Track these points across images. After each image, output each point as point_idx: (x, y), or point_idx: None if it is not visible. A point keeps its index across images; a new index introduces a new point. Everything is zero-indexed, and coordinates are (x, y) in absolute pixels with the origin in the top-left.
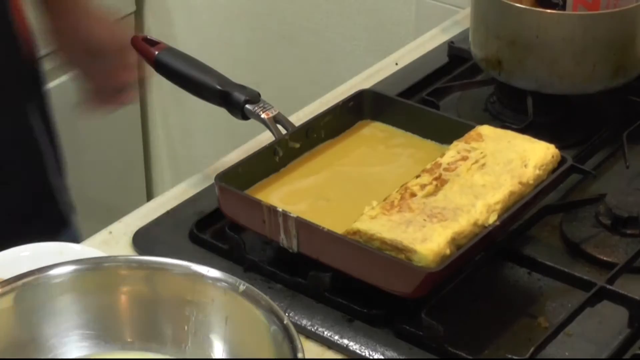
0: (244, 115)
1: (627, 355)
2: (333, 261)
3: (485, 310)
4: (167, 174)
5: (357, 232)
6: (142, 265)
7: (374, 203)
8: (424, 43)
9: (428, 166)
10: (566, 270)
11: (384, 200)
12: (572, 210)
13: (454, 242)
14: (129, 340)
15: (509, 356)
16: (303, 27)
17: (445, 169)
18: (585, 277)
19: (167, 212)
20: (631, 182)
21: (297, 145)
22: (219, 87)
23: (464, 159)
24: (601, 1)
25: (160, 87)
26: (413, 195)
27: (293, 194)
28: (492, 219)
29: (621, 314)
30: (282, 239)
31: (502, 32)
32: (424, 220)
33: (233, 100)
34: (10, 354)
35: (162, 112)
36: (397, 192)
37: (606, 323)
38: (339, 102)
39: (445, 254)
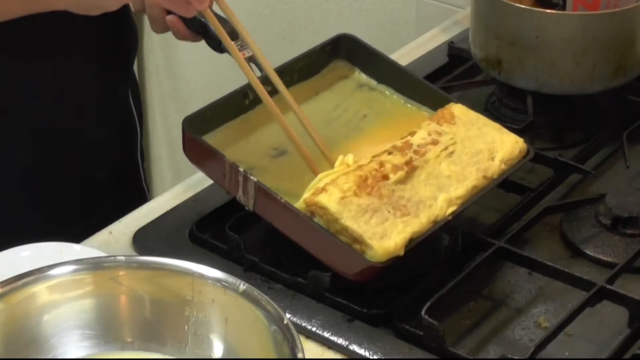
0: (221, 49)
1: (627, 355)
2: (285, 229)
3: (485, 310)
4: (167, 174)
5: (324, 208)
6: (142, 265)
7: (341, 161)
8: (424, 43)
9: (398, 143)
10: (566, 270)
11: (358, 167)
12: (572, 210)
13: (410, 241)
14: (129, 340)
15: (509, 356)
16: (303, 27)
17: (416, 152)
18: (585, 277)
19: (167, 212)
20: (631, 182)
21: (269, 89)
22: (200, 19)
23: (434, 143)
24: (601, 1)
25: (160, 87)
26: (386, 177)
27: (255, 141)
28: (450, 211)
29: (621, 314)
30: (240, 196)
31: (502, 32)
32: (389, 212)
33: (210, 33)
34: (10, 354)
35: (162, 112)
36: (369, 163)
37: (606, 323)
38: (316, 45)
39: (398, 254)
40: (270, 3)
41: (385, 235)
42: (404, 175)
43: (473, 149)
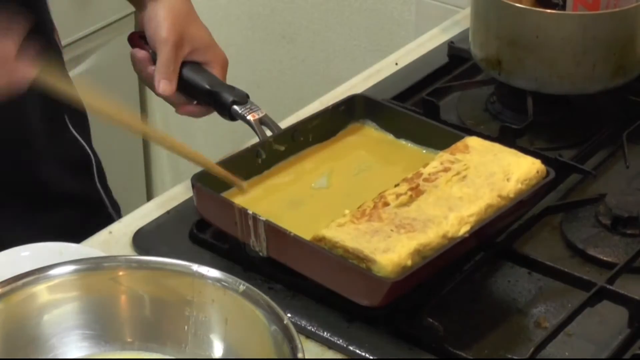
0: (232, 116)
1: (627, 355)
2: (300, 267)
3: (485, 310)
4: (167, 174)
5: (322, 239)
6: (142, 265)
7: (347, 211)
8: (424, 43)
9: (409, 175)
10: (566, 270)
11: (358, 208)
12: (572, 210)
13: (418, 253)
14: (129, 340)
15: (509, 356)
16: (303, 27)
17: (425, 179)
18: (585, 277)
19: (167, 212)
20: (631, 182)
21: (282, 148)
22: (207, 87)
23: (446, 170)
24: (601, 1)
25: None
26: (386, 204)
27: (270, 198)
28: (464, 230)
29: (621, 314)
30: (253, 242)
31: (502, 32)
32: (391, 230)
33: (221, 100)
34: (10, 354)
35: (162, 112)
36: (372, 200)
37: (606, 323)
38: (329, 106)
39: (406, 265)
40: (270, 3)
41: (389, 249)
42: (407, 199)
43: (487, 172)
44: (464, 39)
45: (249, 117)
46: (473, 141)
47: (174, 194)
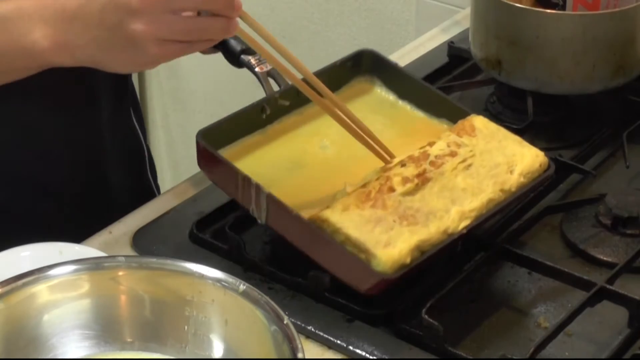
0: (239, 64)
1: (627, 355)
2: (297, 241)
3: (485, 310)
4: (167, 174)
5: (325, 221)
6: (142, 265)
7: (348, 188)
8: (424, 43)
9: (415, 153)
10: (566, 270)
11: (362, 186)
12: (572, 210)
13: (418, 249)
14: (129, 340)
15: (509, 356)
16: (303, 27)
17: (432, 163)
18: (585, 277)
19: (167, 212)
20: (631, 182)
21: (287, 103)
22: None
23: (453, 154)
24: (601, 1)
25: (160, 87)
26: (391, 190)
27: (271, 154)
28: (463, 225)
29: (621, 314)
30: (252, 209)
31: (502, 32)
32: (394, 221)
33: (230, 47)
34: (10, 354)
35: (162, 112)
36: (377, 180)
37: (606, 323)
38: (337, 60)
39: (404, 263)
40: (270, 3)
41: (390, 243)
42: (413, 187)
43: (492, 162)
44: (464, 39)
45: (257, 69)
46: (479, 122)
47: (174, 194)
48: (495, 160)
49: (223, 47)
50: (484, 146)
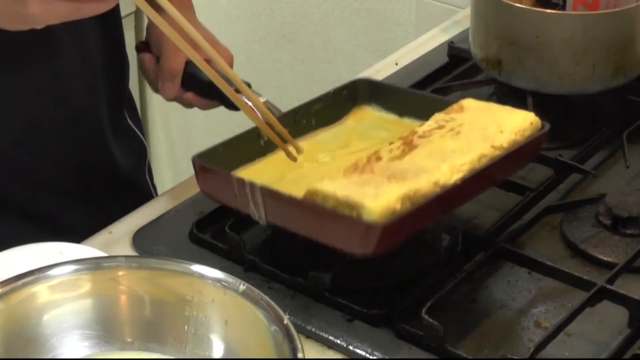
0: (235, 106)
1: (627, 355)
2: (296, 226)
3: (485, 310)
4: (167, 174)
5: (315, 193)
6: (142, 265)
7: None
8: (424, 43)
9: (404, 134)
10: (566, 270)
11: (352, 164)
12: (572, 210)
13: (409, 199)
14: (129, 340)
15: (509, 356)
16: (303, 27)
17: (420, 137)
18: (585, 277)
19: (167, 212)
20: (631, 182)
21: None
22: (209, 80)
23: (440, 127)
24: (601, 1)
25: None
26: (379, 159)
27: (274, 174)
28: (456, 177)
29: (621, 314)
30: (252, 211)
31: (502, 32)
32: (382, 181)
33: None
34: (10, 354)
35: (162, 112)
36: (366, 156)
37: (606, 323)
38: (331, 90)
39: (395, 209)
40: (270, 3)
41: (378, 195)
42: (400, 153)
43: (480, 126)
44: (464, 39)
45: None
46: (469, 102)
47: (174, 194)
48: (484, 125)
49: (217, 92)
50: (473, 117)
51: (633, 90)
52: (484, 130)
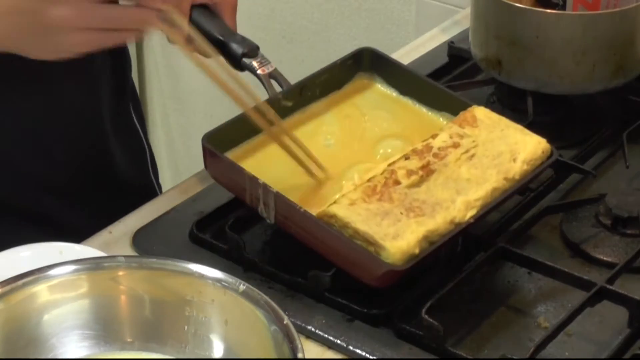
0: (241, 67)
1: (627, 355)
2: (306, 240)
3: (485, 310)
4: (167, 173)
5: (333, 216)
6: (142, 265)
7: (356, 177)
8: (424, 43)
9: (418, 147)
10: (566, 270)
11: (368, 180)
12: (572, 210)
13: (426, 239)
14: (129, 340)
15: (509, 356)
16: (303, 27)
17: (435, 155)
18: (585, 277)
19: (167, 212)
20: (631, 182)
21: (290, 104)
22: (218, 37)
23: (455, 146)
24: (601, 1)
25: (160, 87)
26: (397, 183)
27: (277, 156)
28: (470, 215)
29: (621, 314)
30: (261, 209)
31: (502, 32)
32: (401, 213)
33: (231, 51)
34: (10, 354)
35: (162, 112)
36: (382, 174)
37: (606, 323)
38: (338, 60)
39: (413, 253)
40: (270, 3)
41: (398, 235)
42: (418, 179)
43: (494, 151)
44: (464, 39)
45: (259, 71)
46: (480, 112)
47: (174, 194)
48: (498, 149)
49: (224, 50)
50: (487, 136)
51: (633, 90)
52: (497, 156)
